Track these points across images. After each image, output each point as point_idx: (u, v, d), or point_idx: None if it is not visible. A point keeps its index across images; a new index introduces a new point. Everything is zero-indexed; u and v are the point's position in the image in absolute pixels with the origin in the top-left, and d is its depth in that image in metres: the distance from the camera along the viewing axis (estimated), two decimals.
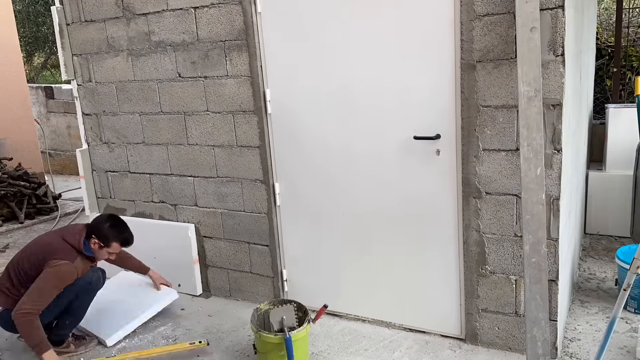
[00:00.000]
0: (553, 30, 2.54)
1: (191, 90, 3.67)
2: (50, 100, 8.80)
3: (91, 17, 3.97)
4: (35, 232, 5.81)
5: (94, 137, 4.26)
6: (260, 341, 2.85)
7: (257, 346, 2.91)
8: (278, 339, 2.77)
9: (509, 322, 2.95)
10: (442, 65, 2.86)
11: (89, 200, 4.35)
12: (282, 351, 2.77)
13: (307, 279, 3.60)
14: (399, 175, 3.11)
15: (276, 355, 2.79)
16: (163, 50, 3.70)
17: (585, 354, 2.91)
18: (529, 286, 2.52)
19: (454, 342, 3.13)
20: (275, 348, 2.78)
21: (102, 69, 4.04)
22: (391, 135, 3.08)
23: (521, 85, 2.47)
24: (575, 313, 3.35)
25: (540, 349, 2.52)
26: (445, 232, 3.05)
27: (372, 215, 3.25)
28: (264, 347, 2.84)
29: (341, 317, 3.50)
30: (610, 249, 4.26)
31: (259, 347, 2.90)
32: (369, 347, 3.14)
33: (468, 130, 2.84)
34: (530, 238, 2.49)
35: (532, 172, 2.47)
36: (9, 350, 3.39)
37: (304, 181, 3.43)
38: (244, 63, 3.40)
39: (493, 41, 2.68)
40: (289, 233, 3.59)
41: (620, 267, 3.33)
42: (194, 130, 3.73)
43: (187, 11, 3.52)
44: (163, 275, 3.76)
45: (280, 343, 2.76)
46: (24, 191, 6.16)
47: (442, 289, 3.14)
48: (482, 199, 2.88)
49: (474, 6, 2.68)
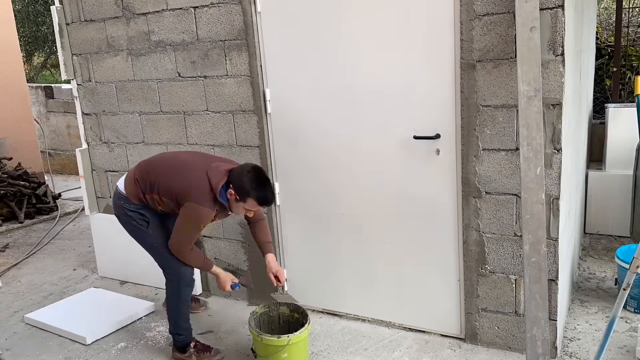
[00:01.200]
0: (553, 30, 2.54)
1: (191, 90, 3.67)
2: (50, 100, 8.80)
3: (91, 16, 3.97)
4: (35, 231, 5.82)
5: (94, 136, 4.26)
6: (261, 345, 2.79)
7: (257, 350, 2.86)
8: (281, 341, 2.72)
9: (509, 322, 2.96)
10: (442, 64, 2.86)
11: (88, 200, 4.35)
12: (285, 353, 2.73)
13: (307, 279, 3.60)
14: (399, 175, 3.11)
15: (278, 357, 2.75)
16: (163, 50, 3.70)
17: (585, 354, 2.91)
18: (529, 286, 2.52)
19: (453, 342, 3.13)
20: (278, 351, 2.73)
21: (101, 68, 4.04)
22: (391, 134, 3.08)
23: (521, 84, 2.47)
24: (575, 312, 3.35)
25: (540, 349, 2.52)
26: (445, 231, 3.05)
27: (372, 214, 3.25)
28: (265, 351, 2.79)
29: (341, 317, 3.50)
30: (610, 248, 4.26)
31: (259, 350, 2.85)
32: (369, 347, 3.15)
33: (468, 130, 2.84)
34: (530, 237, 2.49)
35: (532, 171, 2.47)
36: (9, 350, 3.39)
37: (304, 181, 3.44)
38: (243, 63, 3.40)
39: (493, 41, 2.68)
40: (288, 232, 3.59)
41: (620, 267, 3.33)
42: (194, 129, 3.73)
43: (186, 11, 3.52)
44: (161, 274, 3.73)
45: (283, 345, 2.72)
46: (23, 191, 6.16)
47: (441, 288, 3.14)
48: (482, 198, 2.88)
49: (473, 6, 2.68)
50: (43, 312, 3.79)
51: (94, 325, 3.52)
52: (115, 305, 3.82)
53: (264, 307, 3.05)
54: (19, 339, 3.52)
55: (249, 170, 2.75)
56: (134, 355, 3.25)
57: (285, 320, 3.07)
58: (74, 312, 3.76)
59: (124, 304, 3.83)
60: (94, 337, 3.43)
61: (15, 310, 3.94)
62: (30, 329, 3.63)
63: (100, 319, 3.60)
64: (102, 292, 4.09)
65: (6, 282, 4.49)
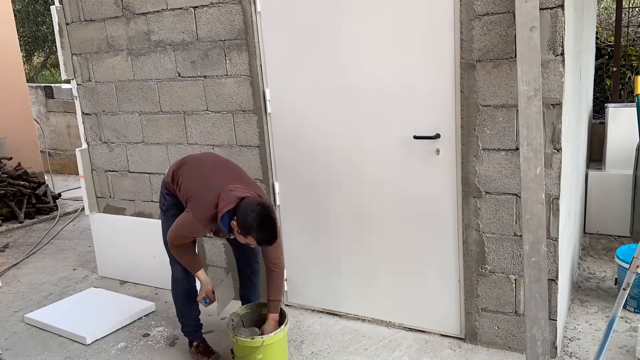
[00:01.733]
0: (553, 30, 2.54)
1: (191, 90, 3.67)
2: (50, 100, 8.79)
3: (91, 16, 3.97)
4: (34, 231, 5.82)
5: (94, 136, 4.26)
6: (237, 345, 2.82)
7: (235, 350, 2.88)
8: (255, 342, 2.74)
9: (509, 322, 2.96)
10: (442, 64, 2.86)
11: (88, 199, 4.35)
12: (260, 355, 2.75)
13: (306, 278, 3.60)
14: (399, 175, 3.11)
15: (254, 358, 2.76)
16: (163, 50, 3.70)
17: (585, 353, 2.91)
18: (529, 285, 2.52)
19: (453, 342, 3.13)
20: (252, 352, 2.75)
21: (101, 68, 4.04)
22: (391, 134, 3.08)
23: (521, 84, 2.47)
24: (574, 312, 3.35)
25: (540, 348, 2.52)
26: (445, 231, 3.05)
27: (372, 214, 3.25)
28: (241, 352, 2.81)
29: (341, 317, 3.50)
30: (610, 248, 4.26)
31: (236, 351, 2.87)
32: (369, 347, 3.15)
33: (468, 130, 2.84)
34: (529, 237, 2.49)
35: (532, 171, 2.47)
36: (9, 350, 3.39)
37: (304, 181, 3.43)
38: (243, 62, 3.40)
39: (493, 40, 2.68)
40: (288, 232, 3.59)
41: (620, 267, 3.34)
42: (194, 129, 3.73)
43: (186, 10, 3.52)
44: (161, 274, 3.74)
45: (257, 347, 2.73)
46: (23, 191, 6.16)
47: (441, 288, 3.14)
48: (482, 198, 2.88)
49: (473, 5, 2.68)
50: (43, 312, 3.79)
51: (94, 325, 3.52)
52: (115, 305, 3.82)
53: (246, 308, 3.07)
54: (18, 338, 3.52)
55: (253, 209, 2.65)
56: (134, 355, 3.25)
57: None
58: (74, 312, 3.76)
59: (124, 304, 3.83)
60: (93, 337, 3.43)
61: (15, 310, 3.94)
62: (30, 329, 3.63)
63: (100, 319, 3.60)
64: (102, 292, 4.09)
65: (6, 282, 4.49)
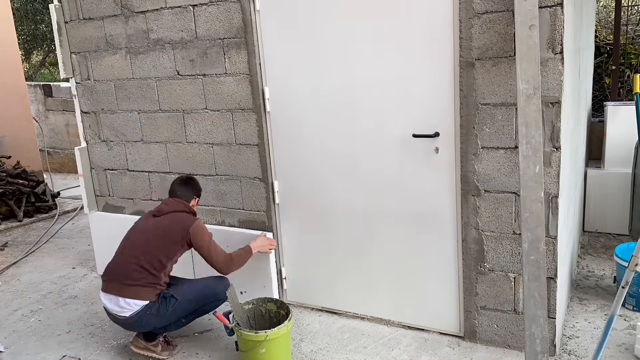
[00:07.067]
0: (552, 28, 2.54)
1: (190, 88, 3.66)
2: (49, 98, 8.78)
3: (89, 14, 3.96)
4: (33, 230, 5.82)
5: (93, 135, 4.25)
6: (241, 339, 2.87)
7: (239, 344, 2.92)
8: (259, 337, 2.78)
9: (508, 320, 2.96)
10: (441, 63, 2.86)
11: (87, 198, 4.35)
12: (262, 349, 2.79)
13: (306, 277, 3.60)
14: (398, 173, 3.12)
15: (257, 352, 2.81)
16: (162, 48, 3.70)
17: (584, 351, 2.92)
18: (528, 284, 2.52)
19: (452, 340, 3.13)
20: (256, 346, 2.80)
21: (100, 66, 4.03)
22: (390, 133, 3.08)
23: (520, 83, 2.47)
24: (573, 310, 3.35)
25: (539, 347, 2.52)
26: (444, 230, 3.06)
27: (371, 213, 3.25)
28: (245, 345, 2.86)
29: (340, 315, 3.50)
30: (609, 246, 4.27)
31: (240, 345, 2.91)
32: (368, 345, 3.15)
33: (467, 128, 2.84)
34: (529, 236, 2.50)
35: (531, 169, 2.47)
36: (8, 349, 3.39)
37: (303, 179, 3.43)
38: (242, 61, 3.40)
39: (492, 39, 2.68)
40: (287, 231, 3.59)
41: (619, 265, 3.34)
42: (193, 128, 3.73)
43: (185, 9, 3.52)
44: None
45: (261, 341, 2.77)
46: (22, 189, 6.15)
47: (440, 286, 3.14)
48: (481, 196, 2.88)
49: (472, 4, 2.68)
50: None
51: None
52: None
53: (249, 303, 3.09)
54: (18, 337, 3.52)
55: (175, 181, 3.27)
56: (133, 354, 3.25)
57: (274, 316, 3.09)
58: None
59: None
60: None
61: (15, 308, 3.94)
62: (29, 328, 3.63)
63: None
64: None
65: (5, 280, 4.49)
